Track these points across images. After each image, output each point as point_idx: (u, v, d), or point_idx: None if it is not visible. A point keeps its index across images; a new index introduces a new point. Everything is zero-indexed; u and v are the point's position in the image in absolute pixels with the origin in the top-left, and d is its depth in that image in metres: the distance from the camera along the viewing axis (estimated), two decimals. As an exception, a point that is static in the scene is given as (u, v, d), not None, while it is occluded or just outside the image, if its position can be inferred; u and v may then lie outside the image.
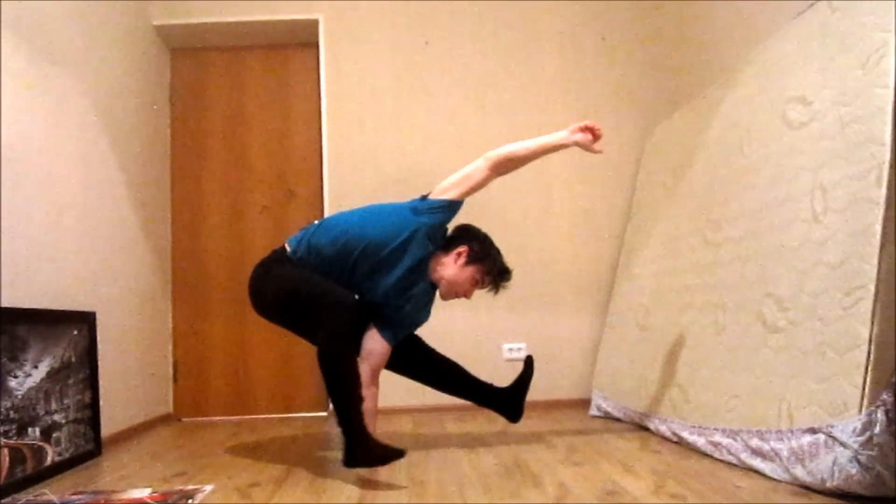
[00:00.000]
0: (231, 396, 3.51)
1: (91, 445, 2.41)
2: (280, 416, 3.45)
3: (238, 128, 3.67)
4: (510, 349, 3.44)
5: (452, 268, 2.21)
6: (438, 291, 2.26)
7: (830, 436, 1.55)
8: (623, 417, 2.82)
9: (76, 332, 2.38)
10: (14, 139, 2.18)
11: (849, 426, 1.50)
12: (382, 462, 1.89)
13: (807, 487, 1.63)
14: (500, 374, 2.51)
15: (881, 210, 1.56)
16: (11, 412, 1.99)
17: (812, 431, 1.62)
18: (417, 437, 2.65)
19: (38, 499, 1.85)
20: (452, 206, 2.17)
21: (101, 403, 2.50)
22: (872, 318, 1.52)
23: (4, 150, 2.12)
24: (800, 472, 1.64)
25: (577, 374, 3.43)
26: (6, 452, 1.94)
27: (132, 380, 2.99)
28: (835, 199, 1.73)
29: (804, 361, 1.72)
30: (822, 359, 1.65)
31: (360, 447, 1.87)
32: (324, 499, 1.77)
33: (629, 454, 2.17)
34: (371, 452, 1.87)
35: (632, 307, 3.01)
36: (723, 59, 2.89)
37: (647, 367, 2.67)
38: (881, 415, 1.47)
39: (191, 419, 3.47)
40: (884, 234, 1.54)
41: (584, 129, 2.22)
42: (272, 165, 3.64)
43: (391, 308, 2.18)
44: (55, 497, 1.85)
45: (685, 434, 2.22)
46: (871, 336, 1.52)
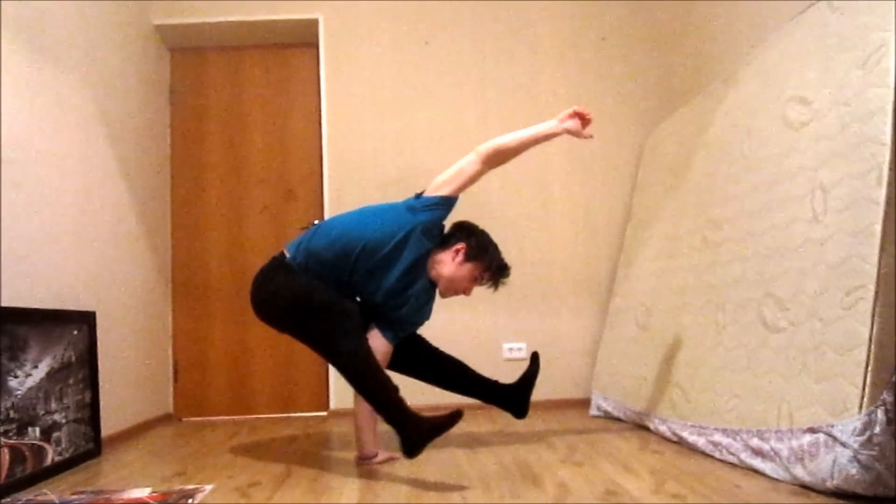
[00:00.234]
0: (231, 396, 3.51)
1: (91, 445, 2.41)
2: (280, 416, 3.45)
3: (238, 128, 3.67)
4: (510, 349, 3.44)
5: (450, 265, 2.21)
6: (438, 289, 2.26)
7: (830, 435, 1.55)
8: (623, 417, 2.82)
9: (76, 332, 2.38)
10: (14, 139, 2.18)
11: (849, 426, 1.50)
12: (441, 431, 1.89)
13: (807, 487, 1.63)
14: (500, 374, 2.50)
15: (881, 210, 1.56)
16: (11, 412, 1.99)
17: (812, 431, 1.62)
18: (417, 437, 2.65)
19: (38, 499, 1.85)
20: (448, 203, 2.16)
21: (101, 403, 2.51)
22: (872, 318, 1.52)
23: (4, 151, 2.12)
24: (800, 472, 1.64)
25: (577, 374, 3.43)
26: (6, 452, 1.94)
27: (132, 380, 3.00)
28: (835, 199, 1.73)
29: (804, 361, 1.72)
30: (822, 359, 1.65)
31: (415, 431, 1.89)
32: (324, 499, 1.77)
33: (629, 454, 2.17)
34: (426, 431, 1.88)
35: (632, 307, 3.01)
36: (723, 59, 2.89)
37: (647, 367, 2.66)
38: (881, 415, 1.47)
39: (191, 419, 3.47)
40: (884, 234, 1.54)
41: (573, 116, 2.22)
42: (272, 165, 3.65)
43: (391, 308, 2.18)
44: (55, 497, 1.85)
45: (685, 434, 2.22)
46: (871, 336, 1.52)
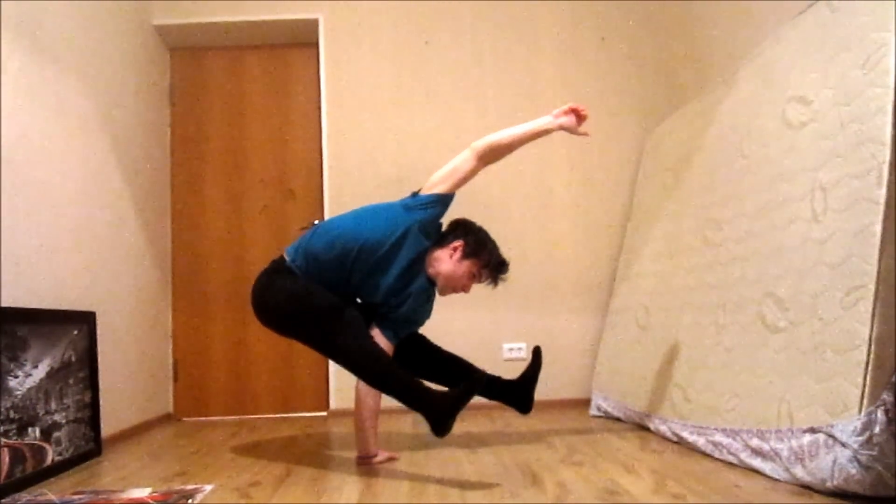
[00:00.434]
0: (231, 396, 3.51)
1: (91, 445, 2.41)
2: (280, 416, 3.45)
3: (238, 128, 3.67)
4: (510, 349, 3.44)
5: (449, 262, 2.20)
6: (437, 287, 2.25)
7: (830, 435, 1.55)
8: (623, 417, 2.82)
9: (76, 332, 2.38)
10: (14, 139, 2.18)
11: (849, 426, 1.50)
12: (465, 401, 1.91)
13: (807, 487, 1.63)
14: (501, 374, 2.50)
15: (881, 210, 1.56)
16: (11, 412, 1.99)
17: (812, 431, 1.62)
18: (417, 437, 2.65)
19: (38, 499, 1.85)
20: (444, 200, 2.16)
21: (101, 403, 2.50)
22: (872, 318, 1.52)
23: (4, 151, 2.12)
24: (800, 472, 1.64)
25: (577, 374, 3.43)
26: (6, 452, 1.94)
27: (132, 380, 2.99)
28: (835, 199, 1.73)
29: (804, 361, 1.72)
30: (822, 359, 1.65)
31: (439, 410, 1.91)
32: (324, 499, 1.77)
33: (629, 454, 2.17)
34: (450, 407, 1.90)
35: (632, 307, 3.01)
36: (723, 59, 2.89)
37: (647, 367, 2.66)
38: (881, 415, 1.47)
39: (191, 419, 3.47)
40: (884, 234, 1.54)
41: (569, 112, 2.21)
42: (272, 165, 3.65)
43: (391, 307, 2.18)
44: (55, 497, 1.85)
45: (685, 434, 2.22)
46: (871, 336, 1.52)
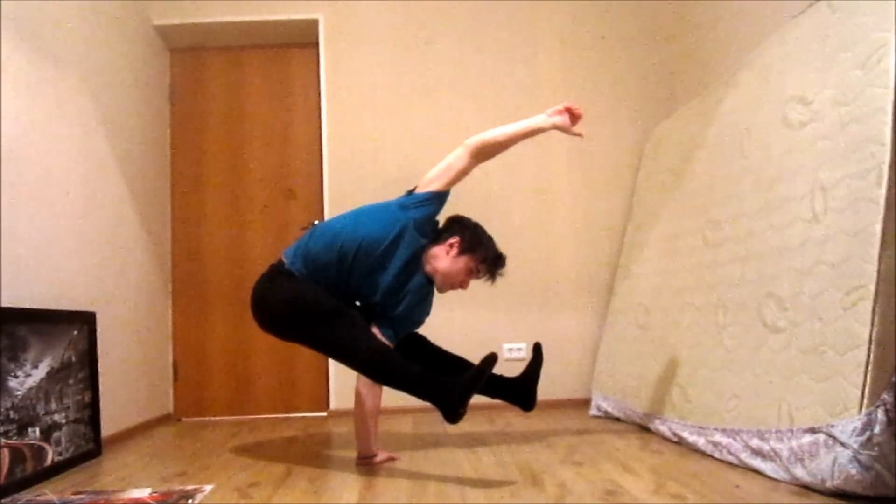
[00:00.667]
0: (231, 396, 3.51)
1: (91, 445, 2.41)
2: (280, 416, 3.45)
3: (238, 128, 3.66)
4: (510, 349, 3.44)
5: (446, 259, 2.20)
6: (435, 285, 2.25)
7: (830, 436, 1.55)
8: (623, 417, 2.82)
9: (76, 332, 2.38)
10: (14, 139, 2.18)
11: (849, 426, 1.50)
12: (475, 385, 1.91)
13: (807, 487, 1.63)
14: (501, 374, 2.50)
15: (881, 210, 1.56)
16: (11, 412, 1.99)
17: (812, 431, 1.62)
18: (417, 437, 2.65)
19: (38, 499, 1.86)
20: (439, 197, 2.16)
21: (101, 403, 2.50)
22: (872, 318, 1.52)
23: (4, 150, 2.12)
24: (800, 472, 1.64)
25: (577, 374, 3.43)
26: (6, 452, 1.94)
27: (132, 380, 3.00)
28: (835, 199, 1.73)
29: (804, 361, 1.72)
30: (822, 359, 1.65)
31: (450, 397, 1.90)
32: (324, 499, 1.77)
33: (629, 454, 2.17)
34: (461, 393, 1.90)
35: (632, 307, 3.01)
36: (723, 59, 2.89)
37: (647, 368, 2.66)
38: (881, 415, 1.47)
39: (191, 419, 3.47)
40: (884, 234, 1.54)
41: (563, 111, 2.21)
42: (272, 165, 3.64)
43: (390, 306, 2.18)
44: (55, 497, 1.85)
45: (685, 434, 2.22)
46: (871, 336, 1.52)
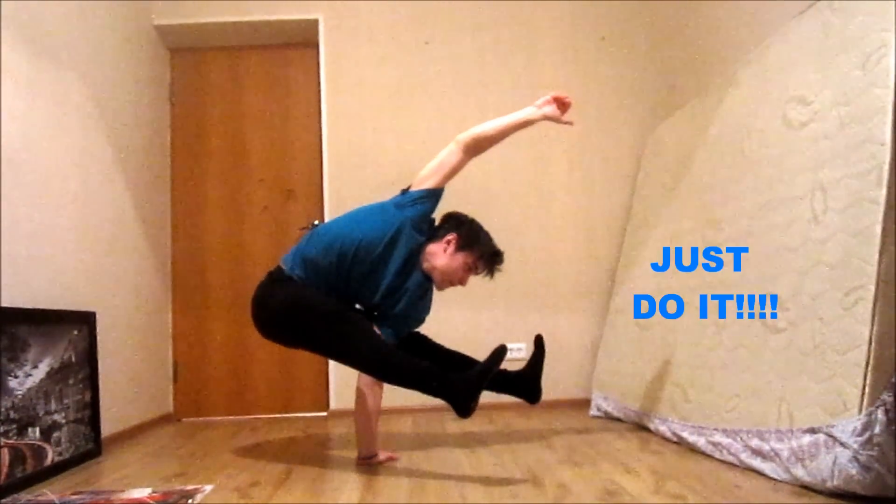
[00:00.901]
0: (231, 396, 3.51)
1: (91, 445, 2.41)
2: (280, 416, 3.45)
3: (238, 128, 3.66)
4: (510, 349, 3.42)
5: (443, 257, 2.20)
6: (434, 282, 2.25)
7: (830, 436, 1.55)
8: (623, 417, 2.82)
9: (76, 332, 2.38)
10: (14, 139, 2.18)
11: (849, 426, 1.50)
12: (485, 378, 1.94)
13: (807, 487, 1.63)
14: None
15: (881, 210, 1.56)
16: (11, 412, 1.99)
17: (812, 431, 1.62)
18: (417, 437, 2.65)
19: (38, 499, 1.86)
20: (434, 195, 2.16)
21: (101, 403, 2.50)
22: (872, 318, 1.52)
23: (4, 150, 2.12)
24: (800, 472, 1.64)
25: (577, 374, 3.43)
26: (6, 452, 1.94)
27: (132, 380, 2.99)
28: (835, 199, 1.73)
29: (804, 361, 1.72)
30: (822, 359, 1.65)
31: (460, 391, 1.92)
32: (324, 499, 1.77)
33: (629, 454, 2.17)
34: (471, 388, 1.92)
35: (632, 307, 3.01)
36: (723, 59, 2.89)
37: (647, 368, 2.66)
38: (881, 415, 1.47)
39: (191, 419, 3.47)
40: (884, 234, 1.54)
41: (552, 101, 2.21)
42: (272, 165, 3.64)
43: (389, 305, 2.18)
44: (55, 497, 1.85)
45: (685, 434, 2.22)
46: (871, 336, 1.52)
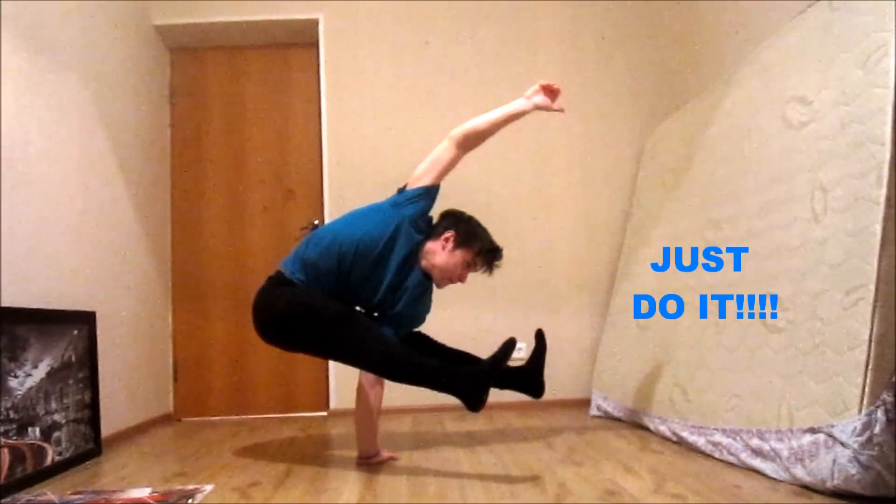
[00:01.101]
0: (231, 396, 3.51)
1: (91, 445, 2.41)
2: (280, 416, 3.45)
3: (238, 128, 3.66)
4: (510, 349, 3.43)
5: (442, 254, 2.20)
6: (433, 280, 2.24)
7: (830, 436, 1.55)
8: (623, 417, 2.82)
9: (76, 332, 2.38)
10: (14, 139, 2.18)
11: (849, 426, 1.50)
12: (495, 372, 1.95)
13: (807, 487, 1.63)
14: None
15: (881, 210, 1.56)
16: (11, 412, 1.99)
17: (812, 431, 1.62)
18: (417, 437, 2.65)
19: (38, 499, 1.85)
20: (430, 192, 2.16)
21: (101, 403, 2.50)
22: (872, 318, 1.52)
23: (4, 151, 2.12)
24: (800, 472, 1.64)
25: (577, 374, 3.43)
26: (6, 452, 1.94)
27: (132, 380, 2.99)
28: (835, 199, 1.73)
29: (804, 361, 1.72)
30: (822, 359, 1.65)
31: (469, 386, 1.93)
32: (324, 499, 1.77)
33: (629, 454, 2.17)
34: (480, 382, 1.93)
35: (632, 307, 3.01)
36: (723, 59, 2.89)
37: (647, 367, 2.66)
38: (881, 415, 1.47)
39: (191, 419, 3.47)
40: (884, 234, 1.54)
41: (541, 91, 2.21)
42: (272, 165, 3.64)
43: (389, 304, 2.18)
44: (55, 497, 1.85)
45: (685, 434, 2.22)
46: (871, 336, 1.52)
